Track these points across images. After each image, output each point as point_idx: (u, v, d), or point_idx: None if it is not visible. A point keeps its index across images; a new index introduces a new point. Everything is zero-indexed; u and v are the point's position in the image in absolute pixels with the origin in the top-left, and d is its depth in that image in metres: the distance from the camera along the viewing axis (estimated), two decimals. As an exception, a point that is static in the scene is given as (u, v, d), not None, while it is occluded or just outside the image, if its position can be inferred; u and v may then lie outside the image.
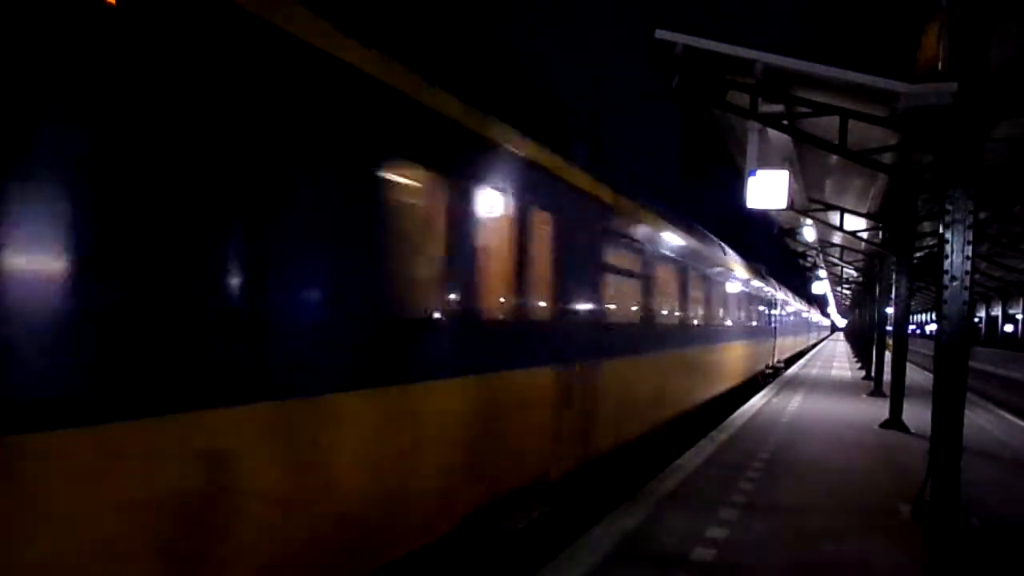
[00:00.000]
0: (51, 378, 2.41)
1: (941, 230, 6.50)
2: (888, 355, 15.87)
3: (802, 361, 33.50)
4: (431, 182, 4.62)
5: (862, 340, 31.19)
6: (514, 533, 5.60)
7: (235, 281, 3.14)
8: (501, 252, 5.43)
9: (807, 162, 11.67)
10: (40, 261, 2.38)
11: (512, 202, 5.56)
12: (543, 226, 6.07)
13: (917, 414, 11.87)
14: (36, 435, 2.35)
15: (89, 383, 2.51)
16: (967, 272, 6.32)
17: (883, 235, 15.76)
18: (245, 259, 3.18)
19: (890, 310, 16.64)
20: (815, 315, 59.62)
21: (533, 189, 5.85)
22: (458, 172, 4.82)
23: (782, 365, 28.14)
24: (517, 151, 5.62)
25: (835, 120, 8.08)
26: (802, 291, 44.11)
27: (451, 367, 4.70)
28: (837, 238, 20.66)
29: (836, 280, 36.35)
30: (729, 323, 16.16)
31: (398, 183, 4.28)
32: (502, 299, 5.52)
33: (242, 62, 3.10)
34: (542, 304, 6.15)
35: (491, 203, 5.22)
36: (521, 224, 5.71)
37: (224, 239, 3.09)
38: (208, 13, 2.95)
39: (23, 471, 2.31)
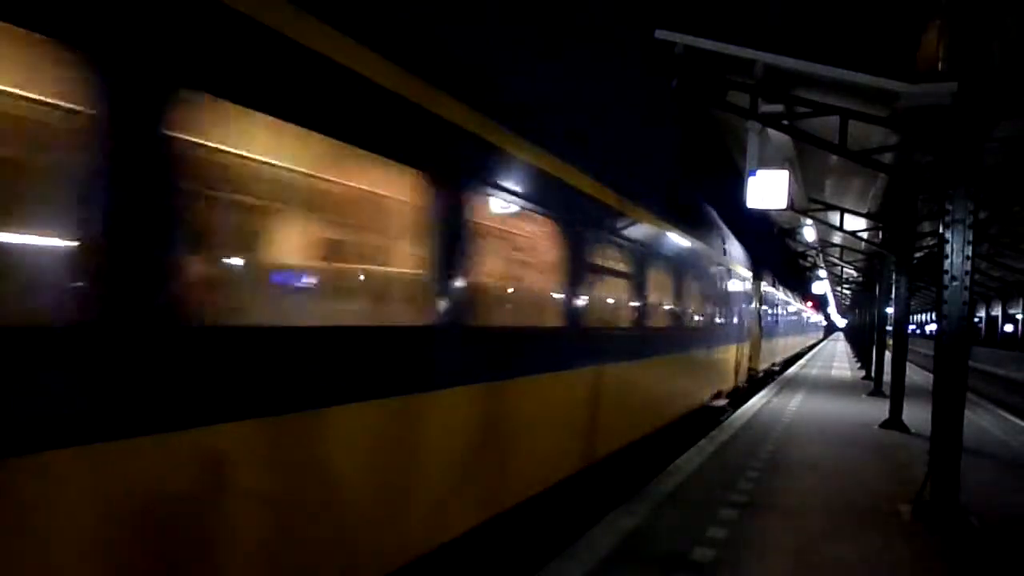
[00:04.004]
0: None
1: (941, 230, 6.50)
2: (888, 355, 15.87)
3: (802, 361, 33.60)
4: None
5: (862, 340, 31.19)
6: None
7: None
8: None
9: (807, 162, 11.67)
10: None
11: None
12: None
13: (917, 414, 11.87)
14: None
15: None
16: (967, 272, 6.32)
17: (883, 235, 15.76)
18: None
19: (890, 310, 16.63)
20: (816, 317, 67.09)
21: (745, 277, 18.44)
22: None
23: (810, 346, 52.57)
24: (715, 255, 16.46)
25: (835, 120, 8.08)
26: (810, 300, 55.65)
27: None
28: (837, 238, 20.65)
29: (836, 280, 36.35)
30: (801, 327, 41.73)
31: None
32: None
33: None
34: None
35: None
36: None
37: None
38: None
39: None
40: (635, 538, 5.83)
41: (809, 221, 16.54)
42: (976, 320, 47.30)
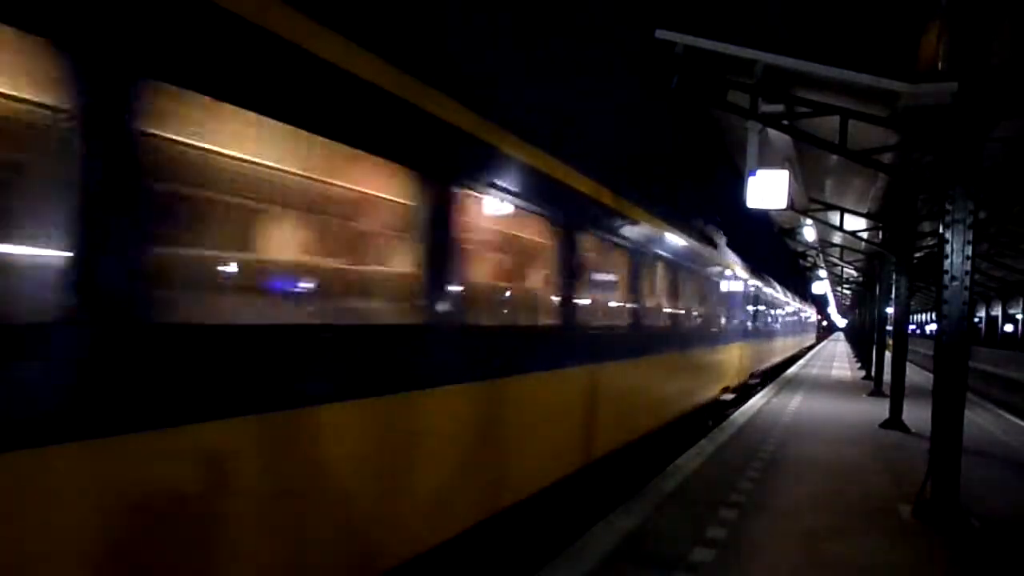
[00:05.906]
0: None
1: (941, 230, 6.50)
2: (888, 355, 15.88)
3: (802, 361, 33.67)
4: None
5: (862, 340, 31.20)
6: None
7: None
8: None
9: (807, 162, 11.67)
10: None
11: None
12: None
13: (917, 414, 11.87)
14: None
15: None
16: (967, 272, 6.32)
17: (883, 235, 15.76)
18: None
19: (890, 310, 16.63)
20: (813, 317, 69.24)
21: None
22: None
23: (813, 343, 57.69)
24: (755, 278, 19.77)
25: (835, 120, 8.08)
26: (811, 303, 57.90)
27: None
28: (837, 238, 20.66)
29: (836, 280, 36.38)
30: (807, 326, 49.31)
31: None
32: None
33: None
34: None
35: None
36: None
37: None
38: None
39: None
40: (635, 538, 5.84)
41: (809, 221, 16.55)
42: (976, 320, 47.30)
